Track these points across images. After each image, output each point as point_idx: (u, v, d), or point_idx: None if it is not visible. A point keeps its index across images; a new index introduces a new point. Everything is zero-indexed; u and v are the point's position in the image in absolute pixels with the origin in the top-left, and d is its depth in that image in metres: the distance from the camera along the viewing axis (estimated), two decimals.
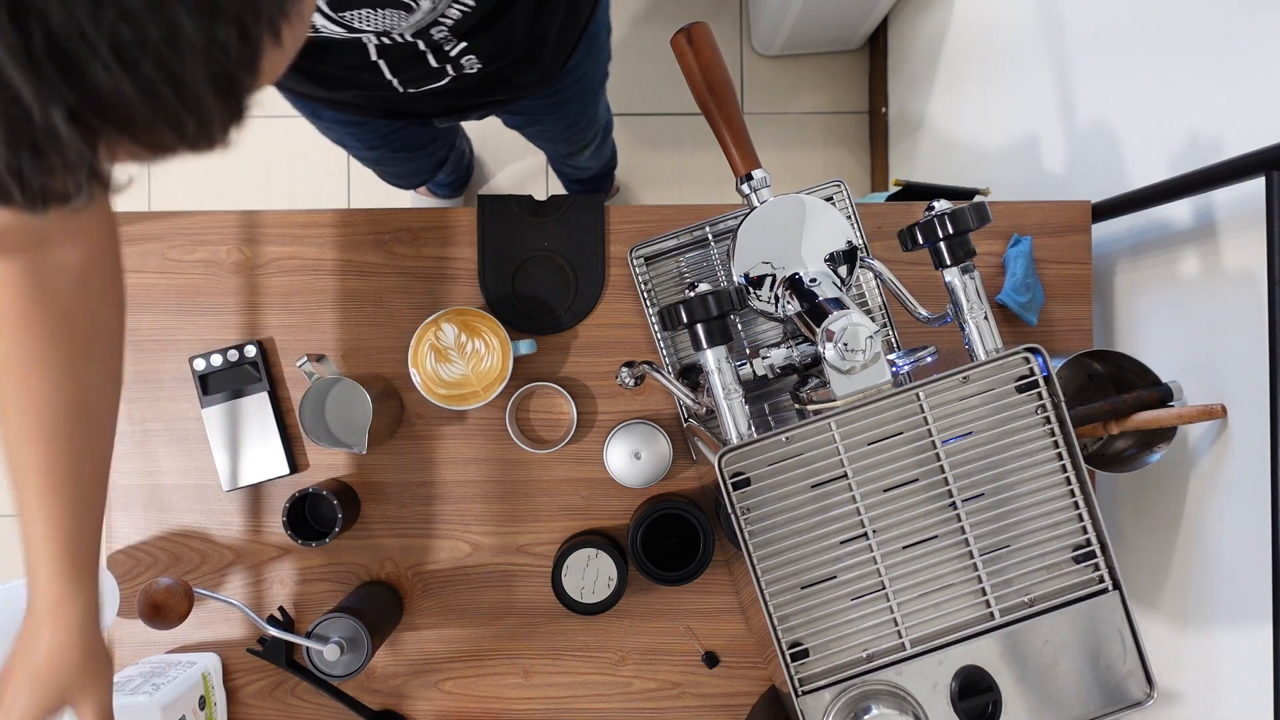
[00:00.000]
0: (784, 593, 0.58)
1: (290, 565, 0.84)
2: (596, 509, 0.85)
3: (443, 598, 0.85)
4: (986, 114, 1.27)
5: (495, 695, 0.85)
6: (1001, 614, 0.58)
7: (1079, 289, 0.87)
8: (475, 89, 0.77)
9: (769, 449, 0.58)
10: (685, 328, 0.59)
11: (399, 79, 0.70)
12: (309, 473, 0.85)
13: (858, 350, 0.56)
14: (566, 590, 0.79)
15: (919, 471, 0.58)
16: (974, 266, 0.60)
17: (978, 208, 0.59)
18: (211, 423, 0.83)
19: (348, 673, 0.74)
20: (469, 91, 0.77)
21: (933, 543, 0.58)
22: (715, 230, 0.82)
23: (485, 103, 0.83)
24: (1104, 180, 0.93)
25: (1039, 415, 0.58)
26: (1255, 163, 0.66)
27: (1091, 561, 0.58)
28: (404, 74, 0.69)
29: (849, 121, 1.78)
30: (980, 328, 0.60)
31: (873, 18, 1.61)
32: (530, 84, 0.82)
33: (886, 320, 0.82)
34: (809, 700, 0.57)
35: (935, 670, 0.57)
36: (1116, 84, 0.93)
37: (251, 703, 0.84)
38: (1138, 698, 0.57)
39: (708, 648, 0.86)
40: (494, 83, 0.77)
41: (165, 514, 0.84)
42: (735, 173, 0.69)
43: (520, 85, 0.81)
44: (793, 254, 0.67)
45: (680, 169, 1.75)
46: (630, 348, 0.86)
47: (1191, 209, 0.79)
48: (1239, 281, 0.74)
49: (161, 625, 0.70)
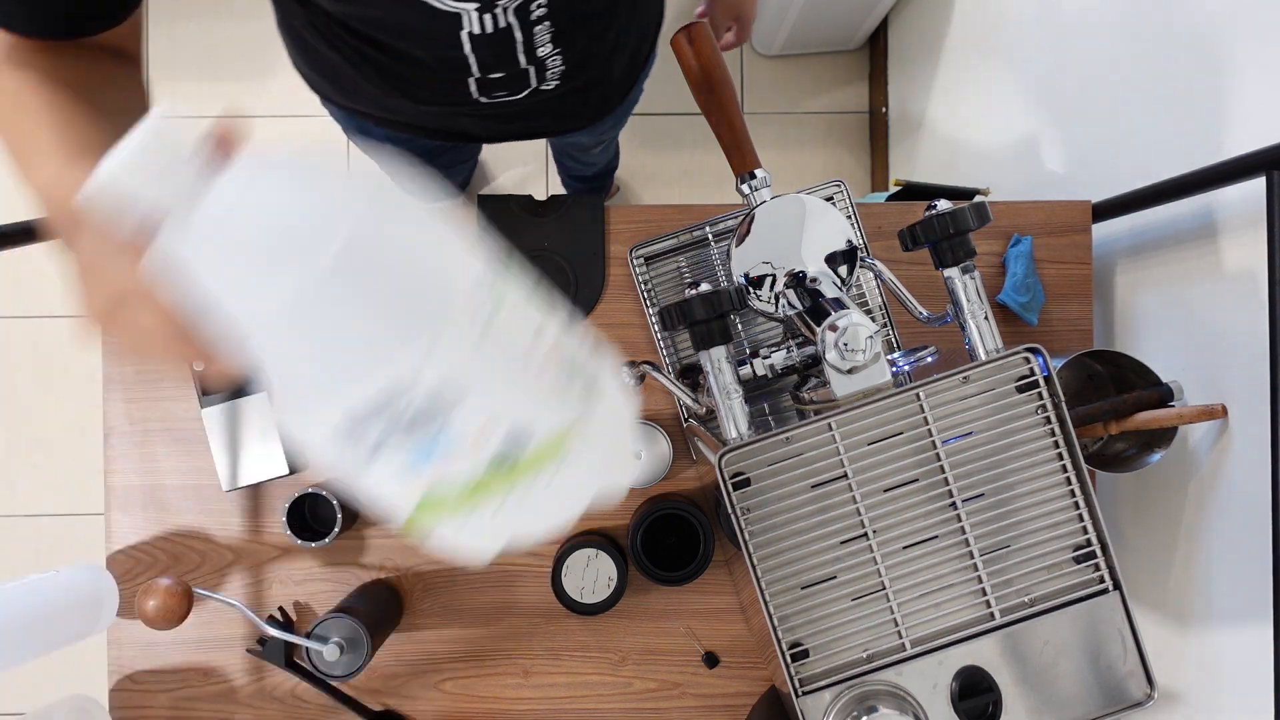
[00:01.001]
0: (784, 593, 0.58)
1: (290, 565, 0.84)
2: (596, 509, 0.85)
3: (443, 598, 0.85)
4: (986, 114, 1.27)
5: (495, 695, 0.85)
6: (1002, 614, 0.58)
7: (1079, 289, 0.87)
8: (544, 110, 0.77)
9: (769, 449, 0.58)
10: (685, 328, 0.59)
11: (482, 79, 0.68)
12: (309, 473, 0.85)
13: (858, 350, 0.56)
14: (566, 590, 0.79)
15: (919, 471, 0.58)
16: (974, 266, 0.60)
17: (978, 207, 0.59)
18: (211, 423, 0.83)
19: (348, 673, 0.74)
20: (536, 113, 0.77)
21: (933, 543, 0.58)
22: (715, 230, 0.82)
23: (537, 132, 0.84)
24: (1104, 180, 0.93)
25: (1039, 415, 0.58)
26: (1255, 163, 0.66)
27: (1092, 562, 0.58)
28: (490, 71, 0.67)
29: (849, 121, 1.78)
30: (980, 328, 0.60)
31: (873, 18, 1.61)
32: (587, 115, 0.84)
33: (886, 320, 0.82)
34: (809, 700, 0.57)
35: (935, 670, 0.57)
36: (1116, 84, 0.93)
37: (252, 703, 0.84)
38: (1138, 698, 0.57)
39: (708, 648, 0.86)
40: (558, 111, 0.78)
41: (165, 514, 0.84)
42: (735, 172, 0.69)
43: (579, 116, 0.83)
44: (793, 254, 0.67)
45: (680, 169, 1.75)
46: (630, 348, 0.86)
47: (1192, 209, 0.79)
48: (1239, 281, 0.73)
49: (161, 626, 0.70)
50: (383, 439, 0.32)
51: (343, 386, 0.31)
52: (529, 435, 0.34)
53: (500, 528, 0.36)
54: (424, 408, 0.31)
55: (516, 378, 0.33)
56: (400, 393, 0.31)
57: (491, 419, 0.33)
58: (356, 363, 0.30)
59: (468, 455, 0.33)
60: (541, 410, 0.34)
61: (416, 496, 0.34)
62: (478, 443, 0.33)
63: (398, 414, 0.31)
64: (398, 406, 0.31)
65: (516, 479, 0.34)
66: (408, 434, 0.32)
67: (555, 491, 0.36)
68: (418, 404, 0.31)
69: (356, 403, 0.31)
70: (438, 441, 0.32)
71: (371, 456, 0.33)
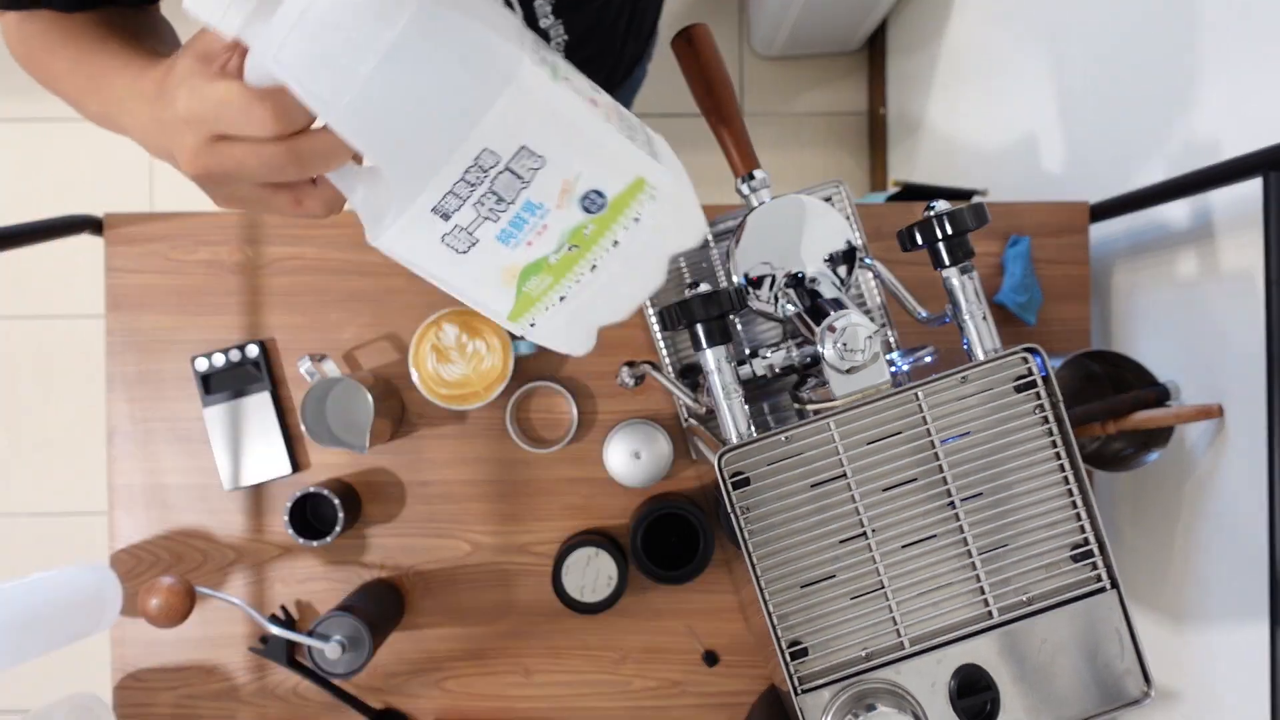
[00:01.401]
0: (783, 592, 0.58)
1: (292, 564, 0.85)
2: (596, 509, 0.86)
3: (444, 597, 0.85)
4: (985, 115, 1.27)
5: (496, 694, 0.86)
6: (1000, 613, 0.58)
7: (1077, 289, 0.87)
8: None
9: (769, 449, 0.58)
10: (685, 328, 0.59)
11: None
12: (310, 472, 0.85)
13: (857, 350, 0.57)
14: (567, 589, 0.79)
15: (918, 471, 0.58)
16: (973, 267, 0.60)
17: (976, 208, 0.59)
18: (213, 423, 0.83)
19: (349, 671, 0.75)
20: None
21: (931, 542, 0.58)
22: (715, 230, 0.82)
23: None
24: (1102, 180, 0.94)
25: (1037, 415, 0.59)
26: (1253, 163, 0.66)
27: (1089, 560, 0.58)
28: None
29: (848, 122, 1.79)
30: (979, 328, 0.60)
31: (872, 18, 1.62)
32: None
33: (886, 320, 0.82)
34: (808, 699, 0.57)
35: (934, 669, 0.58)
36: (1115, 84, 0.93)
37: (254, 701, 0.84)
38: (1135, 696, 0.57)
39: (708, 647, 0.86)
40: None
41: (167, 513, 0.85)
42: (735, 173, 0.70)
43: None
44: (792, 254, 0.67)
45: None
46: (630, 348, 0.86)
47: (1189, 210, 0.80)
48: (1236, 282, 0.74)
49: (164, 624, 0.70)
50: (479, 216, 0.34)
51: (442, 155, 0.33)
52: (607, 187, 0.36)
53: (592, 307, 0.40)
54: (513, 168, 0.33)
55: (588, 125, 0.35)
56: (491, 155, 0.33)
57: (571, 175, 0.35)
58: (451, 123, 0.32)
59: (555, 216, 0.35)
60: (615, 161, 0.36)
61: (515, 282, 0.37)
62: (563, 199, 0.35)
63: (491, 180, 0.34)
64: (489, 171, 0.33)
65: (600, 241, 0.37)
66: (499, 203, 0.34)
67: (635, 255, 0.38)
68: (506, 161, 0.33)
69: (453, 174, 0.33)
70: (528, 206, 0.35)
71: (470, 242, 0.35)
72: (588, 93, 0.36)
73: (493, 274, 0.37)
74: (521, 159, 0.33)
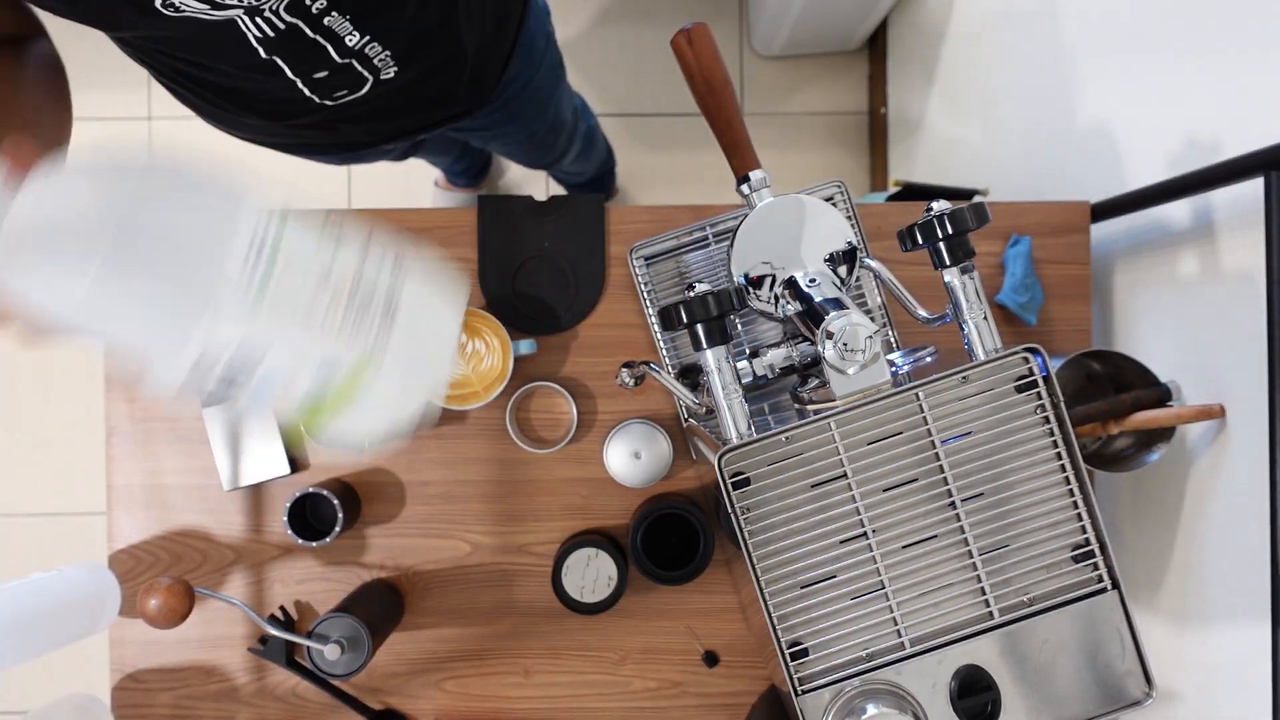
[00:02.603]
0: (784, 592, 0.58)
1: (291, 565, 0.85)
2: (596, 509, 0.85)
3: (443, 597, 0.85)
4: (986, 114, 1.27)
5: (496, 694, 0.85)
6: (1001, 613, 0.58)
7: (1078, 289, 0.87)
8: (404, 105, 0.73)
9: (769, 449, 0.58)
10: (685, 328, 0.59)
11: (307, 81, 0.65)
12: (309, 472, 0.85)
13: (857, 350, 0.56)
14: (566, 590, 0.79)
15: (918, 471, 0.58)
16: (973, 266, 0.60)
17: (976, 208, 0.59)
18: (213, 423, 0.83)
19: (348, 672, 0.75)
20: (399, 109, 0.73)
21: (932, 542, 0.58)
22: (715, 230, 0.82)
23: (423, 124, 0.80)
24: (1103, 180, 0.93)
25: (1038, 415, 0.58)
26: (1254, 163, 0.66)
27: (1090, 561, 0.58)
28: (309, 72, 0.63)
29: (848, 122, 1.79)
30: (979, 328, 0.60)
31: (873, 18, 1.61)
32: (463, 98, 0.79)
33: (886, 320, 0.82)
34: (808, 699, 0.57)
35: (934, 669, 0.57)
36: (1115, 84, 0.93)
37: (254, 701, 0.84)
38: (1136, 697, 0.57)
39: (708, 647, 0.86)
40: (424, 98, 0.73)
41: (166, 514, 0.84)
42: (735, 173, 0.69)
43: (455, 100, 0.78)
44: (792, 254, 0.67)
45: (680, 169, 1.75)
46: (630, 348, 0.86)
47: (1190, 209, 0.80)
48: (1237, 282, 0.74)
49: (163, 625, 0.70)
50: (222, 385, 0.40)
51: (164, 354, 0.38)
52: (334, 370, 0.41)
53: (362, 427, 0.45)
54: (236, 365, 0.39)
55: (302, 328, 0.40)
56: (211, 356, 0.38)
57: (295, 365, 0.40)
58: (163, 337, 0.37)
59: (286, 396, 0.41)
60: (339, 347, 0.41)
61: (292, 413, 0.43)
62: (291, 385, 0.41)
63: (217, 371, 0.39)
64: (214, 366, 0.38)
65: (344, 399, 0.42)
66: (233, 385, 0.40)
67: (383, 398, 0.43)
68: (228, 362, 0.38)
69: (184, 365, 0.38)
70: (261, 386, 0.40)
71: (227, 392, 0.41)
72: (310, 284, 0.40)
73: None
74: (244, 357, 0.39)
